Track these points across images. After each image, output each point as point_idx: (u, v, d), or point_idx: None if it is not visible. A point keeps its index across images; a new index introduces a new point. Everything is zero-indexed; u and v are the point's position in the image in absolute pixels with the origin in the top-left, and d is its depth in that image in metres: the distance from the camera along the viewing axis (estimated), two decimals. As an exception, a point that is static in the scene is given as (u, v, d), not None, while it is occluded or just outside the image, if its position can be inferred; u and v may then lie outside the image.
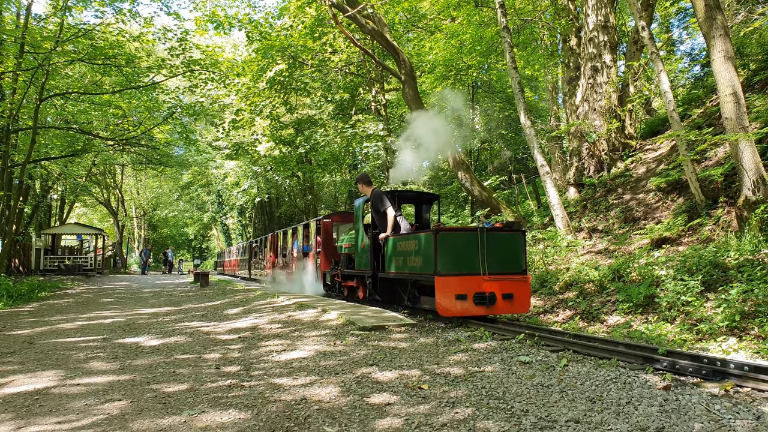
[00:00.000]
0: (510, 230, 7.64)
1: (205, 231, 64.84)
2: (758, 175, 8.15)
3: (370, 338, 6.54)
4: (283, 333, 7.31)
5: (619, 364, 4.64)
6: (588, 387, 4.04)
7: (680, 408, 3.38)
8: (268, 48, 17.31)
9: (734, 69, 8.59)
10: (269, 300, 11.57)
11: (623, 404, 3.55)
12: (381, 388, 4.30)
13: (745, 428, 2.95)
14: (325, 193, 35.42)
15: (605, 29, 14.16)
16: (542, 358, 5.09)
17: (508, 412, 3.56)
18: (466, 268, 7.24)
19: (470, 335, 6.61)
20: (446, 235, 7.24)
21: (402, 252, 8.24)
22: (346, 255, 11.48)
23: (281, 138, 21.26)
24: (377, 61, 17.40)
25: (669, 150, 12.74)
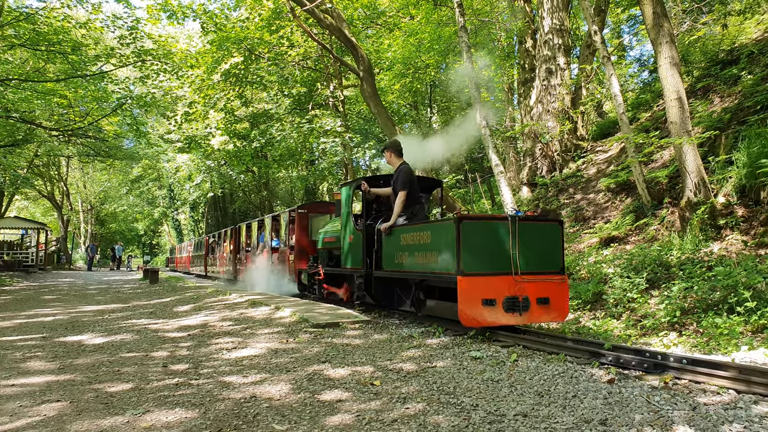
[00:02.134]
0: (545, 220, 6.41)
1: (155, 227, 63.14)
2: (700, 177, 8.50)
3: (324, 335, 6.49)
4: (235, 330, 7.18)
5: (566, 359, 4.75)
6: (536, 381, 4.11)
7: (623, 400, 3.48)
8: (223, 40, 16.96)
9: (679, 75, 8.92)
10: (221, 297, 11.34)
11: (570, 398, 3.63)
12: (333, 385, 4.27)
13: (682, 418, 3.06)
14: (281, 189, 35.01)
15: (560, 32, 14.49)
16: (493, 354, 5.16)
17: (459, 406, 3.58)
18: (494, 265, 5.89)
19: (424, 331, 6.64)
20: (471, 225, 5.87)
21: (408, 246, 6.89)
22: (326, 250, 10.14)
23: (236, 132, 20.86)
24: (335, 56, 17.29)
25: (618, 152, 13.15)
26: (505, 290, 5.83)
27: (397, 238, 7.17)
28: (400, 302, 7.74)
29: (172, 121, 20.93)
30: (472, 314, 5.70)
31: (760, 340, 5.13)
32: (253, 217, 26.94)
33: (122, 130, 25.07)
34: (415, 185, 7.54)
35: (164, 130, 31.44)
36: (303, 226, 12.46)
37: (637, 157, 9.74)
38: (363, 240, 8.00)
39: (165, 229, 61.65)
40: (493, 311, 5.76)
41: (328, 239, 9.90)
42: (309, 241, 12.18)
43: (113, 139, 25.16)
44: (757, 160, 7.90)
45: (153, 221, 58.66)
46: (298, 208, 12.83)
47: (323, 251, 10.23)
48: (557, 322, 7.04)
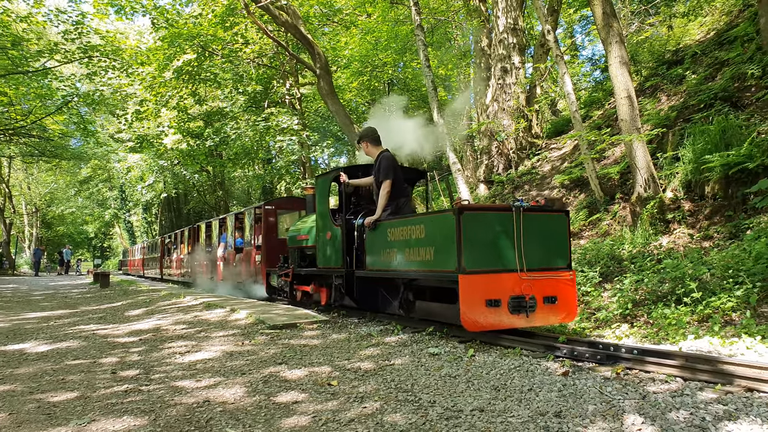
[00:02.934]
0: (551, 211, 5.79)
1: (106, 229, 61.14)
2: (649, 173, 8.76)
3: (281, 337, 6.39)
4: (188, 334, 6.99)
5: (522, 352, 4.80)
6: (493, 376, 4.14)
7: (577, 392, 3.53)
8: (175, 36, 16.51)
9: (629, 74, 9.16)
10: (175, 300, 11.05)
11: (525, 391, 3.67)
12: (289, 386, 4.20)
13: (632, 407, 3.12)
14: (238, 189, 34.40)
15: (514, 32, 14.71)
16: (450, 349, 5.18)
17: (416, 404, 3.57)
18: (498, 262, 5.28)
19: (382, 329, 6.61)
20: (474, 217, 5.23)
21: (397, 242, 6.21)
22: (298, 249, 9.34)
23: (189, 130, 20.36)
24: (291, 53, 17.09)
25: (572, 149, 13.44)
26: (510, 289, 5.22)
27: (384, 234, 6.48)
28: (385, 304, 7.10)
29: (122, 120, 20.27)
30: (476, 317, 5.06)
31: (705, 328, 5.31)
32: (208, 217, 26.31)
33: (68, 129, 24.12)
34: (399, 174, 6.91)
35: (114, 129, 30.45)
36: (271, 224, 11.64)
37: (589, 154, 9.96)
38: (342, 237, 7.29)
39: (117, 232, 59.79)
40: (497, 313, 5.13)
41: (301, 237, 9.09)
42: (278, 239, 11.43)
43: (59, 138, 24.18)
44: (701, 156, 8.20)
45: (104, 223, 56.78)
46: (265, 204, 11.91)
47: (294, 250, 9.47)
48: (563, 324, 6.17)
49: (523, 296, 5.25)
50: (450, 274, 5.27)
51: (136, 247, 35.53)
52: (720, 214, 7.89)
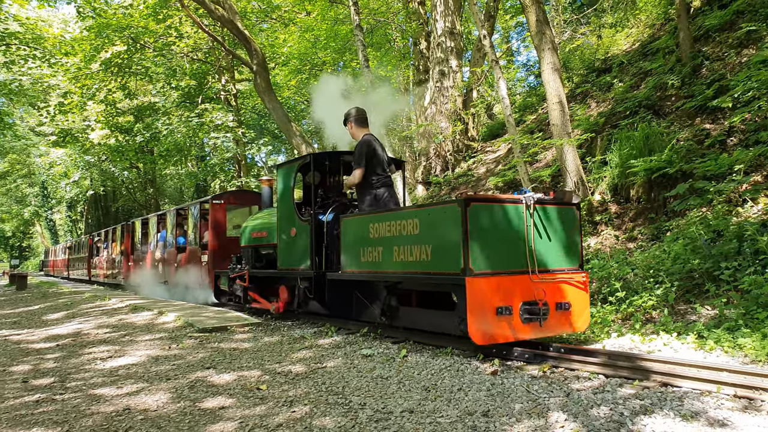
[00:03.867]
0: (562, 204, 5.05)
1: (26, 227, 57.62)
2: (579, 176, 9.08)
3: (210, 340, 6.19)
4: (112, 338, 6.66)
5: (453, 352, 4.84)
6: (424, 376, 4.14)
7: (504, 391, 3.58)
8: (103, 26, 15.74)
9: (560, 80, 9.47)
10: (99, 303, 10.52)
11: (455, 391, 3.69)
12: (216, 391, 4.06)
13: (557, 405, 3.19)
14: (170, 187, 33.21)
15: (452, 35, 14.92)
16: (384, 350, 5.16)
17: (346, 406, 3.52)
18: (508, 262, 4.62)
19: (316, 331, 6.52)
20: (482, 209, 4.54)
21: (382, 240, 5.40)
22: (253, 249, 8.37)
23: (118, 125, 19.46)
24: (227, 49, 16.66)
25: (506, 152, 13.78)
26: (520, 294, 4.55)
27: (363, 230, 5.64)
28: (361, 311, 6.24)
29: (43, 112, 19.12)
30: (485, 327, 4.36)
31: (628, 326, 5.54)
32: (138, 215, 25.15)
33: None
34: (379, 160, 6.12)
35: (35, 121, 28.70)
36: (219, 220, 10.57)
37: (522, 157, 10.23)
38: (311, 234, 6.48)
39: (38, 230, 56.46)
40: (509, 322, 4.44)
41: (257, 234, 8.15)
42: (227, 238, 10.44)
43: (-27, 130, 22.56)
44: (626, 161, 8.58)
45: (23, 221, 53.47)
46: (213, 198, 10.78)
47: (249, 249, 8.45)
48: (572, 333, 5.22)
49: (535, 302, 4.56)
50: (452, 277, 4.52)
51: (59, 246, 33.62)
52: (643, 217, 8.28)
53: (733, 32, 9.89)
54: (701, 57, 9.92)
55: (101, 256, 20.38)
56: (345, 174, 7.42)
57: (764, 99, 8.26)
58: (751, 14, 9.86)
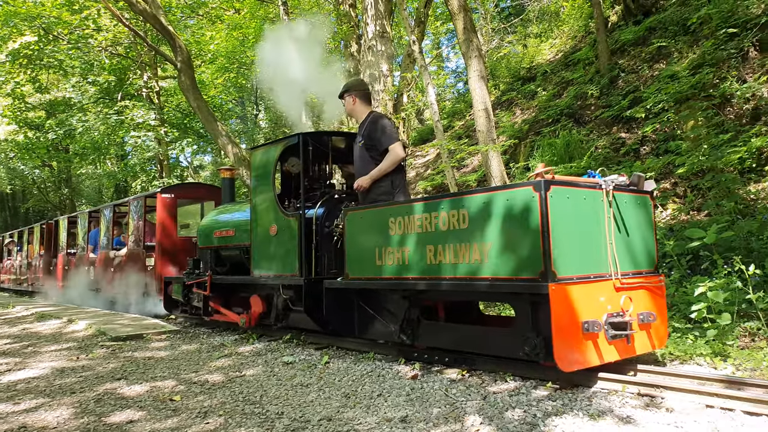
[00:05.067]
0: (636, 191, 4.14)
1: None
2: (503, 181, 9.30)
3: (124, 349, 5.87)
4: (12, 350, 6.18)
5: (376, 357, 4.81)
6: (345, 383, 4.08)
7: (424, 395, 3.58)
8: (10, 15, 14.67)
9: (486, 88, 9.68)
10: (1, 311, 9.77)
11: (375, 397, 3.65)
12: (125, 404, 3.83)
13: (473, 408, 3.21)
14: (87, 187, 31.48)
15: (383, 39, 14.98)
16: (306, 357, 5.06)
17: (263, 416, 3.41)
18: (588, 264, 3.68)
19: (237, 339, 6.32)
20: (563, 195, 3.55)
21: (406, 237, 4.35)
22: (213, 251, 7.17)
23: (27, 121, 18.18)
24: (150, 44, 15.97)
25: (435, 157, 13.97)
26: (605, 306, 3.62)
27: (381, 225, 4.54)
28: (368, 327, 4.99)
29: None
30: (573, 350, 3.42)
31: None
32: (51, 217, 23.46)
33: None
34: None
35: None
36: (169, 217, 9.11)
37: (449, 162, 10.39)
38: (300, 232, 5.35)
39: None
40: (595, 342, 3.54)
41: (222, 233, 6.93)
42: (178, 238, 9.15)
43: None
44: (548, 167, 8.88)
45: None
46: (162, 192, 9.36)
47: (209, 252, 7.23)
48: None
49: (621, 314, 3.67)
50: (527, 284, 3.51)
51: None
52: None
53: (646, 47, 10.49)
54: (618, 69, 10.45)
55: (13, 259, 18.22)
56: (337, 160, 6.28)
57: (672, 111, 8.79)
58: (662, 31, 10.49)
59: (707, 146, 7.17)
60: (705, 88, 8.15)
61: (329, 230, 5.38)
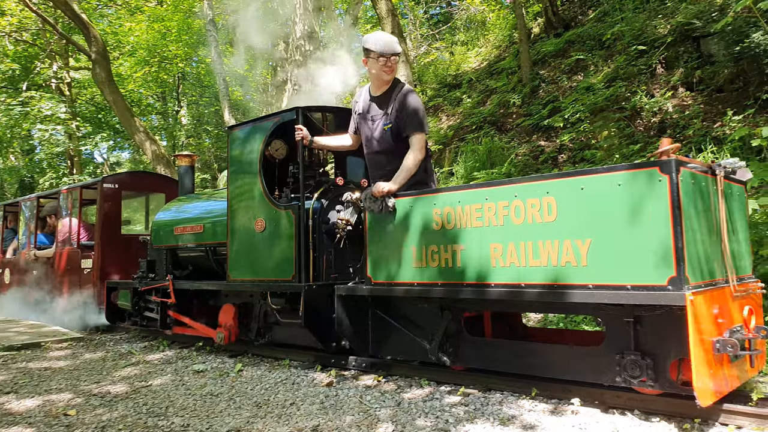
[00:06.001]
0: (736, 180, 3.41)
1: None
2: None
3: (17, 359, 5.41)
4: None
5: (291, 364, 4.67)
6: (258, 391, 3.93)
7: (337, 403, 3.49)
8: None
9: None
10: None
11: (287, 406, 3.52)
12: (13, 420, 3.50)
13: (387, 416, 3.16)
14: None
15: (312, 40, 14.81)
16: (218, 365, 4.85)
17: (167, 429, 3.21)
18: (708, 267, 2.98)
19: (146, 346, 5.99)
20: (691, 181, 2.89)
21: (458, 233, 3.54)
22: (169, 251, 6.23)
23: None
24: (60, 33, 14.98)
25: (361, 159, 13.93)
26: (719, 316, 2.91)
27: (425, 218, 3.71)
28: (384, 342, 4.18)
29: None
30: (710, 375, 2.78)
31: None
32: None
33: None
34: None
35: None
36: (113, 211, 7.75)
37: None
38: (297, 228, 4.48)
39: None
40: (725, 365, 2.92)
41: (185, 229, 5.93)
42: (122, 236, 7.83)
43: None
44: (471, 173, 9.05)
45: None
46: (103, 181, 7.88)
47: (166, 252, 6.24)
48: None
49: (742, 328, 2.99)
50: (649, 293, 2.77)
51: None
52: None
53: (565, 59, 10.93)
54: (539, 79, 10.82)
55: None
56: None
57: (587, 121, 9.18)
58: (580, 44, 10.97)
59: (619, 156, 7.52)
60: (618, 100, 8.58)
61: (329, 227, 4.58)
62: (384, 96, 4.26)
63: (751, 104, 6.95)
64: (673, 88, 8.10)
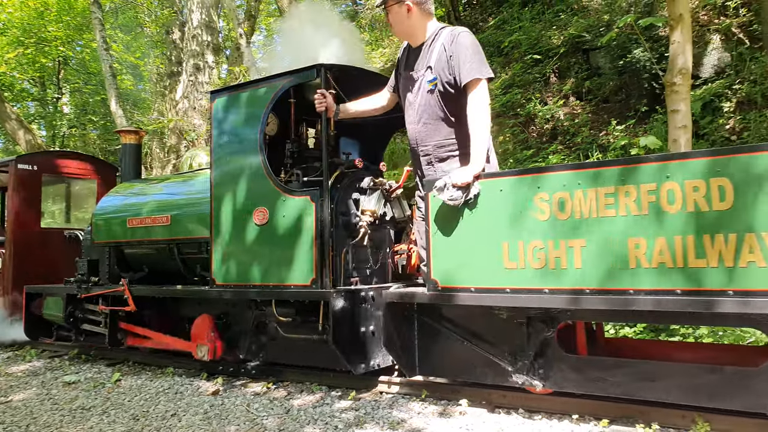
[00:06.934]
0: None
1: None
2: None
3: None
4: None
5: (176, 372, 4.37)
6: (136, 403, 3.64)
7: (223, 412, 3.29)
8: None
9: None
10: None
11: (168, 417, 3.28)
12: None
13: (274, 424, 3.02)
14: None
15: (209, 29, 14.20)
16: (94, 375, 4.46)
17: (24, 452, 2.86)
18: None
19: (10, 356, 5.40)
20: None
21: (570, 225, 2.74)
22: (117, 248, 5.11)
23: None
24: None
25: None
26: None
27: (520, 206, 2.87)
28: (438, 360, 3.30)
29: None
30: None
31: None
32: None
33: None
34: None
35: None
36: (30, 199, 6.41)
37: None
38: (317, 220, 3.56)
39: None
40: None
41: (144, 221, 4.78)
42: (43, 231, 6.48)
43: None
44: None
45: None
46: (17, 161, 6.44)
47: (110, 250, 5.13)
48: None
49: None
50: None
51: None
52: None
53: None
54: (438, 82, 11.03)
55: None
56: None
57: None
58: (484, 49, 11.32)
59: (513, 160, 7.82)
60: (514, 107, 8.92)
61: (347, 219, 3.78)
62: (426, 45, 3.31)
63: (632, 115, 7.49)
64: (564, 96, 8.55)
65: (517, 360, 2.99)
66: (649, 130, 7.00)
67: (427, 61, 3.25)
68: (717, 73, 7.53)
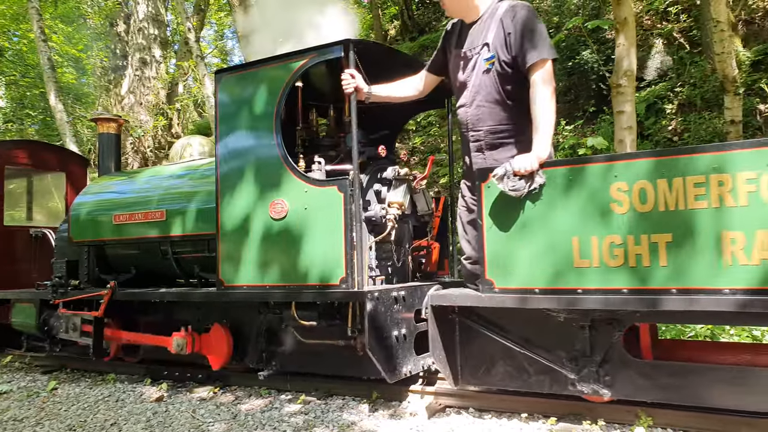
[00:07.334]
0: None
1: None
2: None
3: None
4: None
5: (117, 379, 4.19)
6: (73, 412, 3.46)
7: (167, 420, 3.17)
8: None
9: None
10: None
11: (107, 427, 3.13)
12: None
13: (221, 429, 2.92)
14: None
15: (156, 23, 13.79)
16: (27, 384, 4.22)
17: (-54, 470, 2.66)
18: None
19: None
20: None
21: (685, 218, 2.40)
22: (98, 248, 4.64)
23: None
24: None
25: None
26: None
27: (593, 198, 2.57)
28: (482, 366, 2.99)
29: None
30: None
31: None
32: None
33: None
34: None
35: None
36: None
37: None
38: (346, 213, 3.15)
39: None
40: None
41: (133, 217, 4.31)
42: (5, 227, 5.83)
43: None
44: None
45: None
46: None
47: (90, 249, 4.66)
48: None
49: None
50: None
51: None
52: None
53: (418, 63, 11.26)
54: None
55: None
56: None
57: (437, 126, 9.54)
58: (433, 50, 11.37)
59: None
60: (464, 106, 9.02)
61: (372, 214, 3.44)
62: (481, 21, 3.01)
63: (581, 116, 7.66)
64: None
65: (580, 367, 2.69)
66: (597, 131, 7.19)
67: (483, 38, 2.94)
68: (660, 75, 7.81)
